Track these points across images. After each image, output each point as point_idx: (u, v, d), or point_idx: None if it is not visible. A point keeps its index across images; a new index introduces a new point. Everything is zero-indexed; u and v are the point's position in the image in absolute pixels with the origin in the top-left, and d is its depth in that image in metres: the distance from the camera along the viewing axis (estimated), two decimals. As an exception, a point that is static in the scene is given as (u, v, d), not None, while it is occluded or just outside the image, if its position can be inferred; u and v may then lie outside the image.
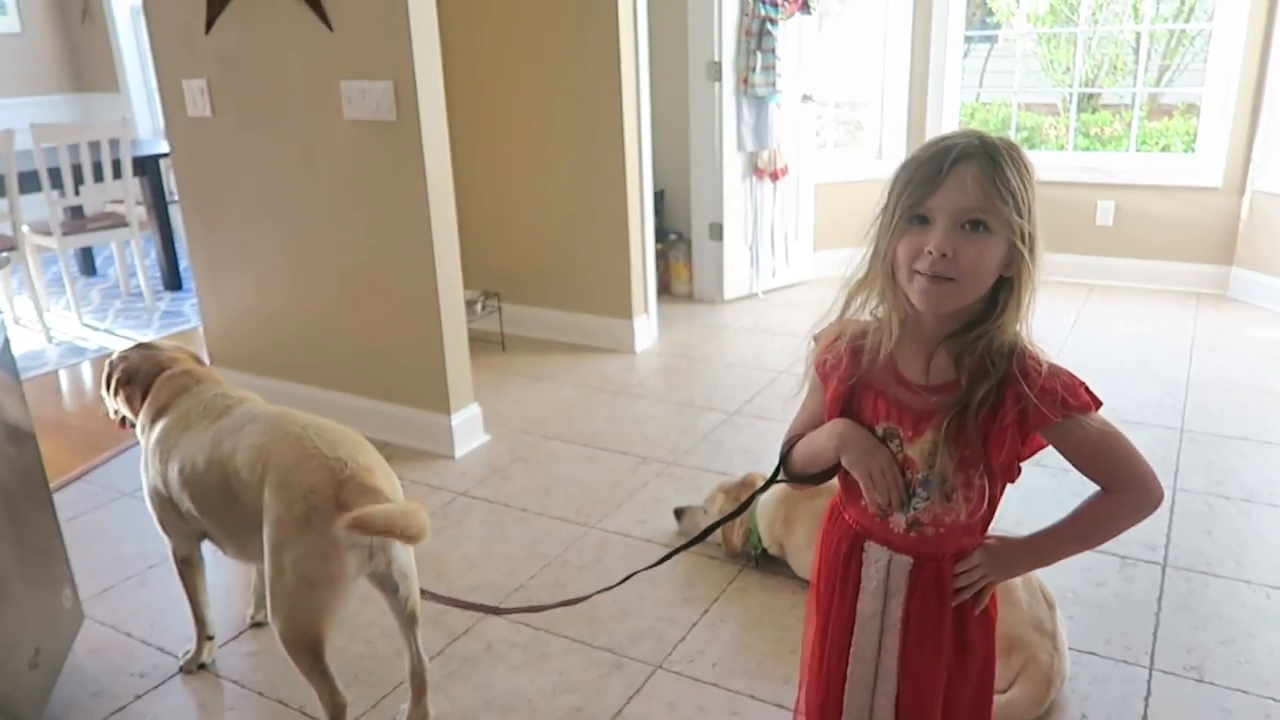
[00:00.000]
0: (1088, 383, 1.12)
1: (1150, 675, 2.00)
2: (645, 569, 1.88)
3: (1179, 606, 2.23)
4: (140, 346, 2.05)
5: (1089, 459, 1.14)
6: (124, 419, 2.03)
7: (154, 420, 1.90)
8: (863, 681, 1.27)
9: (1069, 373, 1.12)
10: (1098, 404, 1.11)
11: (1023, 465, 1.17)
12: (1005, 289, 1.09)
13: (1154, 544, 2.48)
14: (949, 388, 1.14)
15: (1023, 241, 1.04)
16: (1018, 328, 1.11)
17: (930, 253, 1.05)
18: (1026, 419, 1.09)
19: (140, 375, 1.97)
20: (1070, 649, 1.98)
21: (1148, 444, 3.04)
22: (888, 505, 1.18)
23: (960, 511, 1.17)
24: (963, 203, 1.04)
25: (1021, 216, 1.04)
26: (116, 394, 1.98)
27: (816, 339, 1.25)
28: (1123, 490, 1.15)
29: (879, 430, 1.19)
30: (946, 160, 1.04)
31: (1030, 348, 1.11)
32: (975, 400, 1.10)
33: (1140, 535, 2.51)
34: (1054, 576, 2.24)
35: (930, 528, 1.19)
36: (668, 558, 1.76)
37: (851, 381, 1.20)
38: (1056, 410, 1.08)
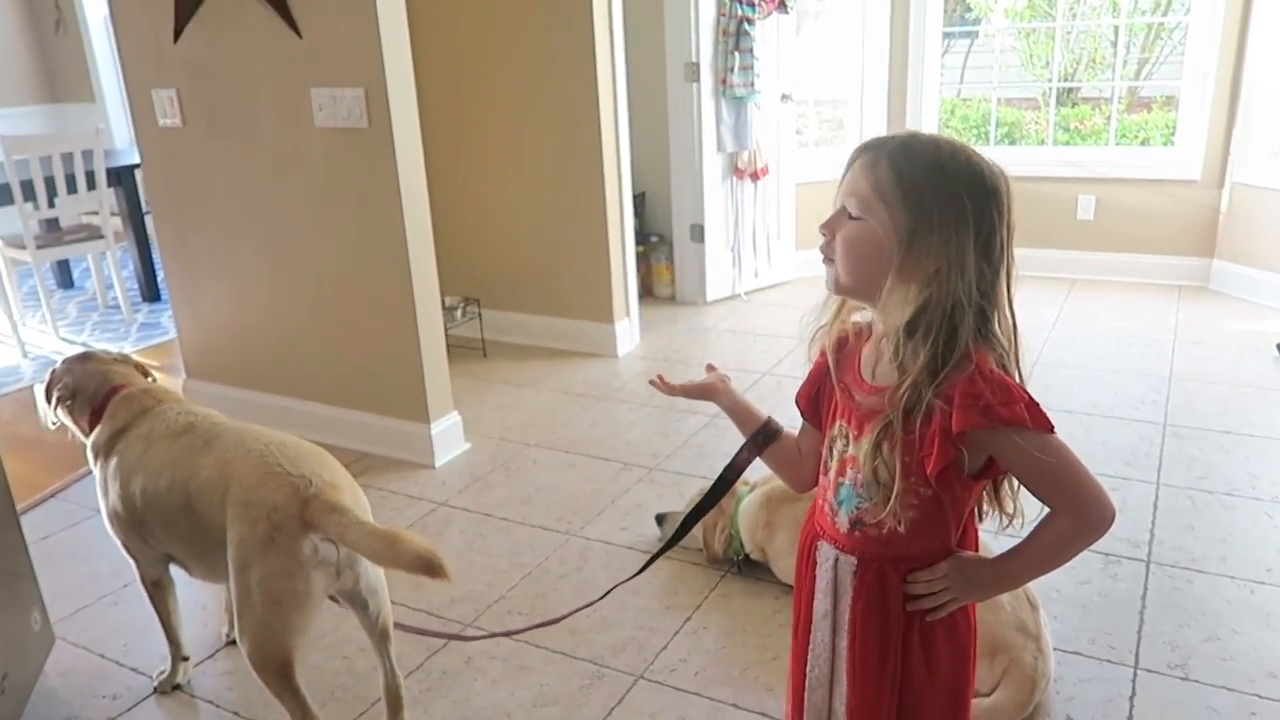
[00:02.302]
0: (1038, 403, 1.08)
1: (1135, 674, 1.99)
2: (626, 580, 1.86)
3: (1163, 604, 2.22)
4: (83, 359, 1.98)
5: (1027, 478, 1.12)
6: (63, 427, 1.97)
7: (111, 441, 1.86)
8: (820, 680, 1.28)
9: (1013, 385, 1.08)
10: (1044, 426, 1.07)
11: (982, 484, 1.16)
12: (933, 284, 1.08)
13: (1138, 540, 2.47)
14: (888, 390, 1.13)
15: (905, 237, 1.07)
16: (975, 346, 1.08)
17: (821, 231, 1.15)
18: (949, 423, 1.06)
19: (87, 392, 1.91)
20: (1054, 649, 1.96)
21: (1131, 439, 3.04)
22: None
23: (898, 517, 1.15)
24: (846, 191, 1.13)
25: (889, 204, 1.07)
26: (57, 409, 1.92)
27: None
28: (1064, 514, 1.12)
29: (835, 427, 1.22)
30: (856, 152, 1.14)
31: (978, 356, 1.08)
32: (900, 402, 1.09)
33: (1124, 532, 2.50)
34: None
35: (873, 528, 1.18)
36: (647, 565, 1.74)
37: (824, 378, 1.25)
38: (979, 416, 1.04)
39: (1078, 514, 1.11)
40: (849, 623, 1.23)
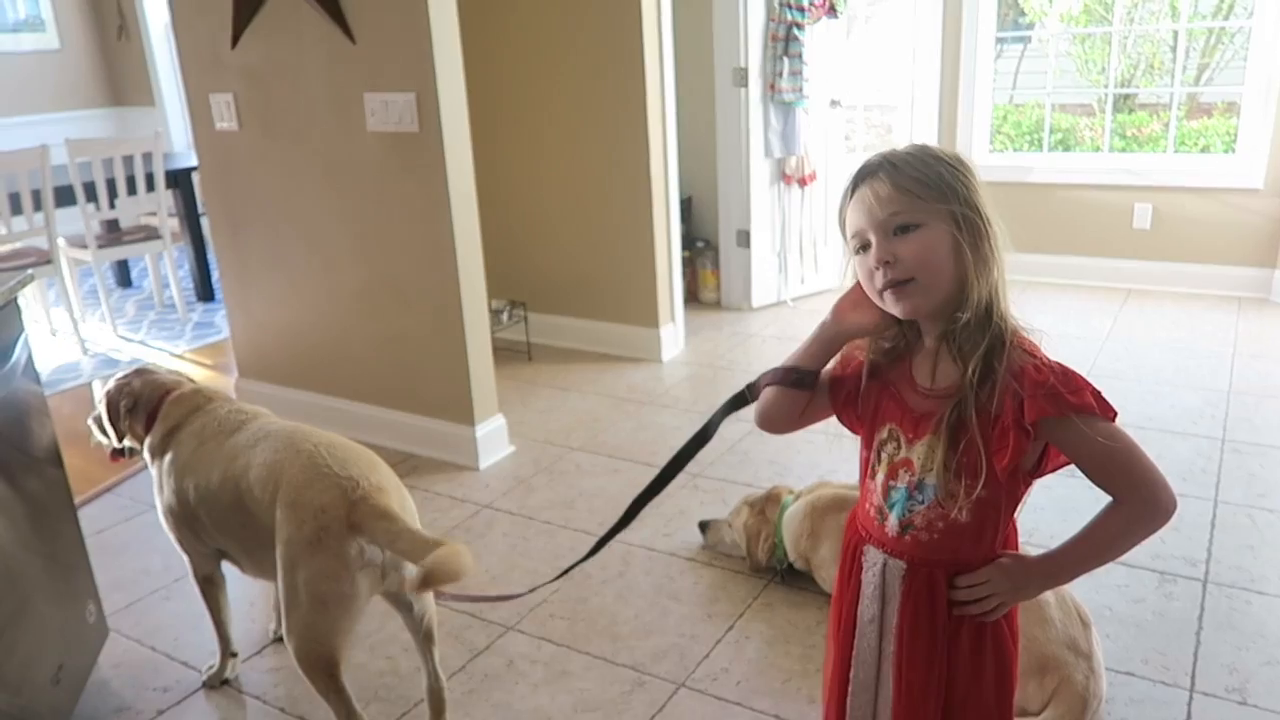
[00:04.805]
0: (1101, 390, 1.08)
1: (1190, 697, 1.93)
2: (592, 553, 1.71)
3: (1221, 625, 2.15)
4: (139, 373, 2.04)
5: (1092, 466, 1.10)
6: (119, 450, 2.02)
7: (166, 440, 1.90)
8: (865, 685, 1.27)
9: (1074, 373, 1.08)
10: (1108, 412, 1.07)
11: (1036, 480, 1.15)
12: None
13: (1194, 559, 2.40)
14: (952, 391, 1.13)
15: (959, 223, 1.08)
16: (1008, 322, 1.10)
17: (878, 269, 1.10)
18: (1021, 415, 1.06)
19: (143, 400, 1.96)
20: (1107, 669, 1.92)
21: (1188, 454, 2.96)
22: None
23: (957, 517, 1.14)
24: (879, 214, 1.10)
25: (946, 201, 1.08)
26: (124, 421, 1.96)
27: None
28: (1129, 501, 1.11)
29: (883, 431, 1.21)
30: (852, 185, 1.14)
31: (1026, 345, 1.10)
32: (970, 400, 1.09)
33: (1180, 550, 2.44)
34: (1090, 594, 2.19)
35: (924, 532, 1.17)
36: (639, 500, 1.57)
37: (866, 371, 1.23)
38: (1049, 404, 1.05)
39: (1143, 500, 1.10)
40: (896, 627, 1.21)
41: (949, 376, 1.13)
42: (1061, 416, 1.05)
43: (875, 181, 1.10)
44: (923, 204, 1.08)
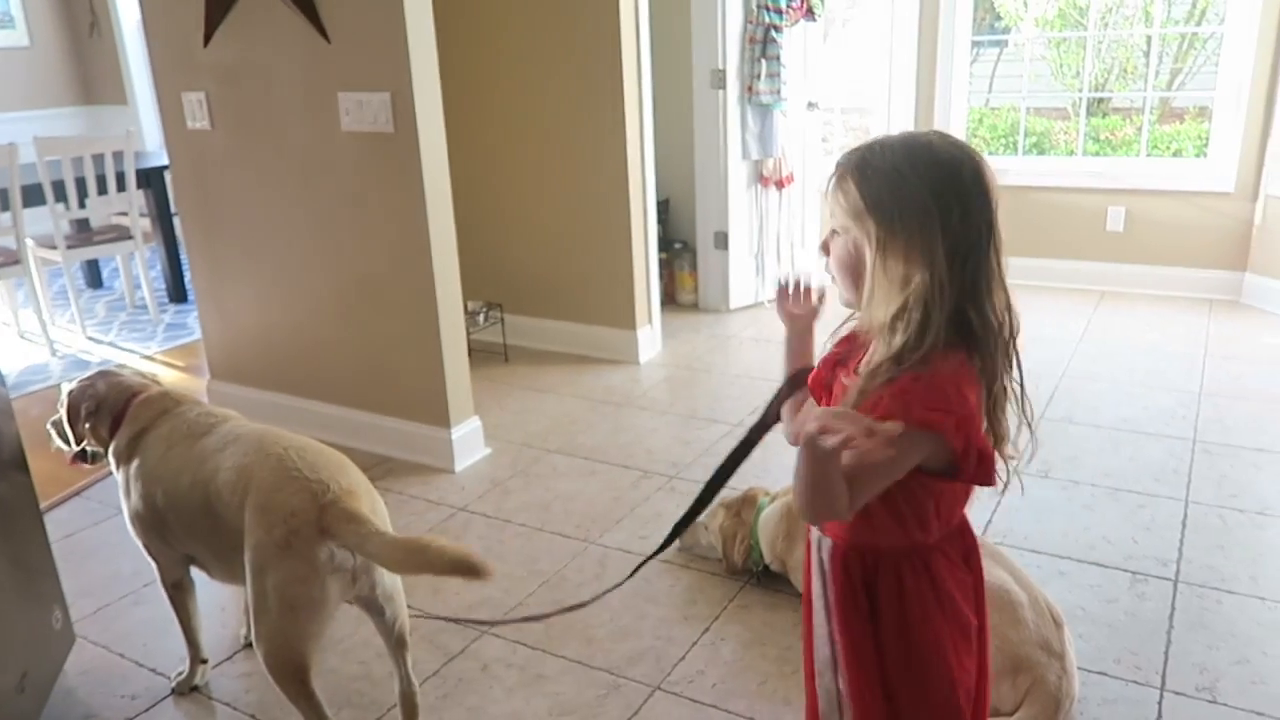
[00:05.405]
0: (972, 423, 1.10)
1: (1161, 696, 1.95)
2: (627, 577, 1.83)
3: (1191, 624, 2.17)
4: (104, 375, 2.01)
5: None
6: (81, 455, 1.98)
7: (132, 444, 1.87)
8: (826, 663, 1.31)
9: (958, 398, 1.08)
10: (956, 444, 1.08)
11: (964, 484, 1.18)
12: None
13: (1166, 559, 2.42)
14: None
15: (868, 236, 1.12)
16: (932, 337, 1.09)
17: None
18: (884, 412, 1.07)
19: (108, 403, 1.93)
20: (1079, 669, 1.93)
21: (1160, 455, 2.98)
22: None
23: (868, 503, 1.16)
24: (829, 210, 1.20)
25: (859, 217, 1.12)
26: (84, 423, 1.93)
27: None
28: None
29: None
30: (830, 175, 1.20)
31: (940, 359, 1.09)
32: (859, 390, 1.12)
33: (1152, 550, 2.46)
34: (1063, 594, 2.21)
35: None
36: (638, 568, 1.73)
37: (830, 364, 1.30)
38: (900, 412, 1.04)
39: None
40: (835, 605, 1.26)
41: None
42: (907, 425, 1.02)
43: (834, 181, 1.17)
44: (853, 219, 1.13)
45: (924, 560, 1.23)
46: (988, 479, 1.14)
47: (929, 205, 1.08)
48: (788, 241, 4.81)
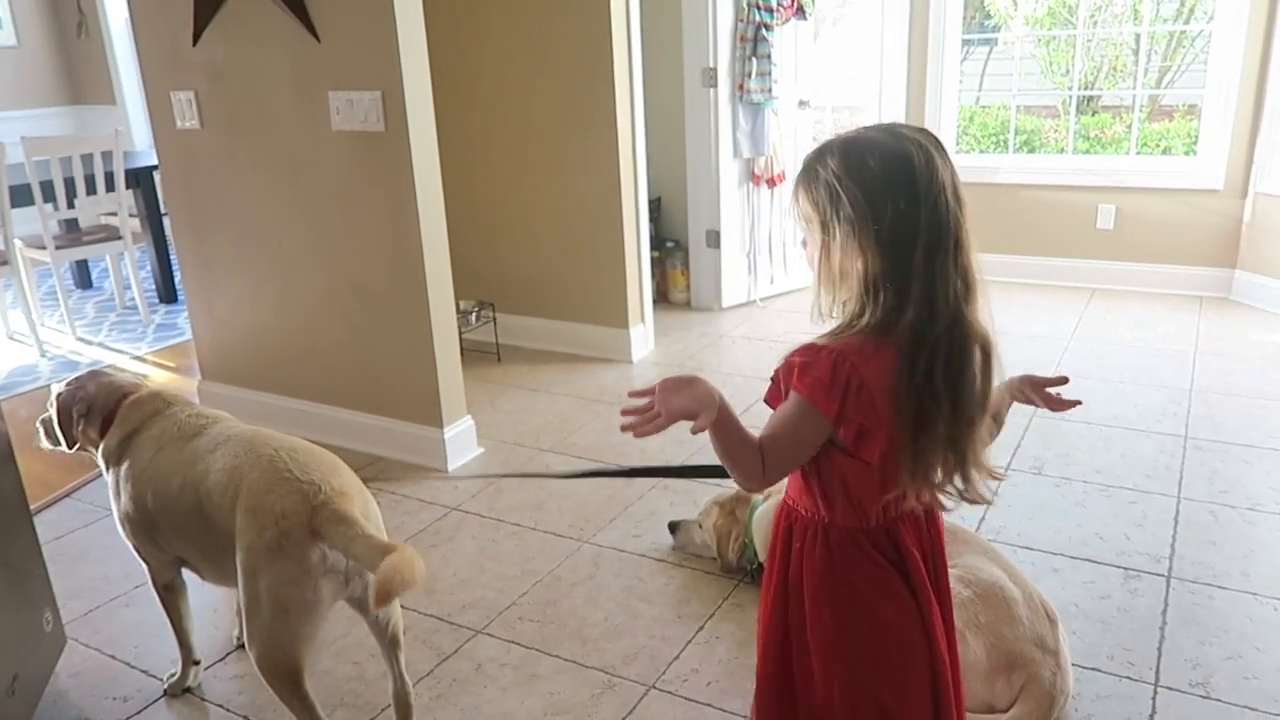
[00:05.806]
0: (829, 386, 1.15)
1: (1155, 692, 1.95)
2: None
3: (1184, 620, 2.18)
4: (94, 375, 1.99)
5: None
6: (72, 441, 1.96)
7: (123, 445, 1.85)
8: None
9: (823, 362, 1.16)
10: (801, 389, 1.17)
11: (865, 459, 1.19)
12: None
13: (1158, 555, 2.43)
14: None
15: (815, 237, 1.21)
16: (861, 321, 1.17)
17: None
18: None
19: (99, 404, 1.91)
20: (1073, 665, 1.93)
21: (1152, 452, 2.99)
22: None
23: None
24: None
25: (809, 222, 1.21)
26: (76, 426, 1.91)
27: None
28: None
29: None
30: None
31: (844, 341, 1.17)
32: (786, 357, 1.21)
33: (1145, 546, 2.47)
34: (1056, 590, 2.21)
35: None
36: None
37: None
38: (784, 377, 1.20)
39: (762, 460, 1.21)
40: (770, 553, 1.39)
41: None
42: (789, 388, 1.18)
43: (793, 188, 1.26)
44: (804, 225, 1.23)
45: (825, 536, 1.26)
46: (869, 455, 1.18)
47: (862, 206, 1.14)
48: (780, 240, 4.81)
